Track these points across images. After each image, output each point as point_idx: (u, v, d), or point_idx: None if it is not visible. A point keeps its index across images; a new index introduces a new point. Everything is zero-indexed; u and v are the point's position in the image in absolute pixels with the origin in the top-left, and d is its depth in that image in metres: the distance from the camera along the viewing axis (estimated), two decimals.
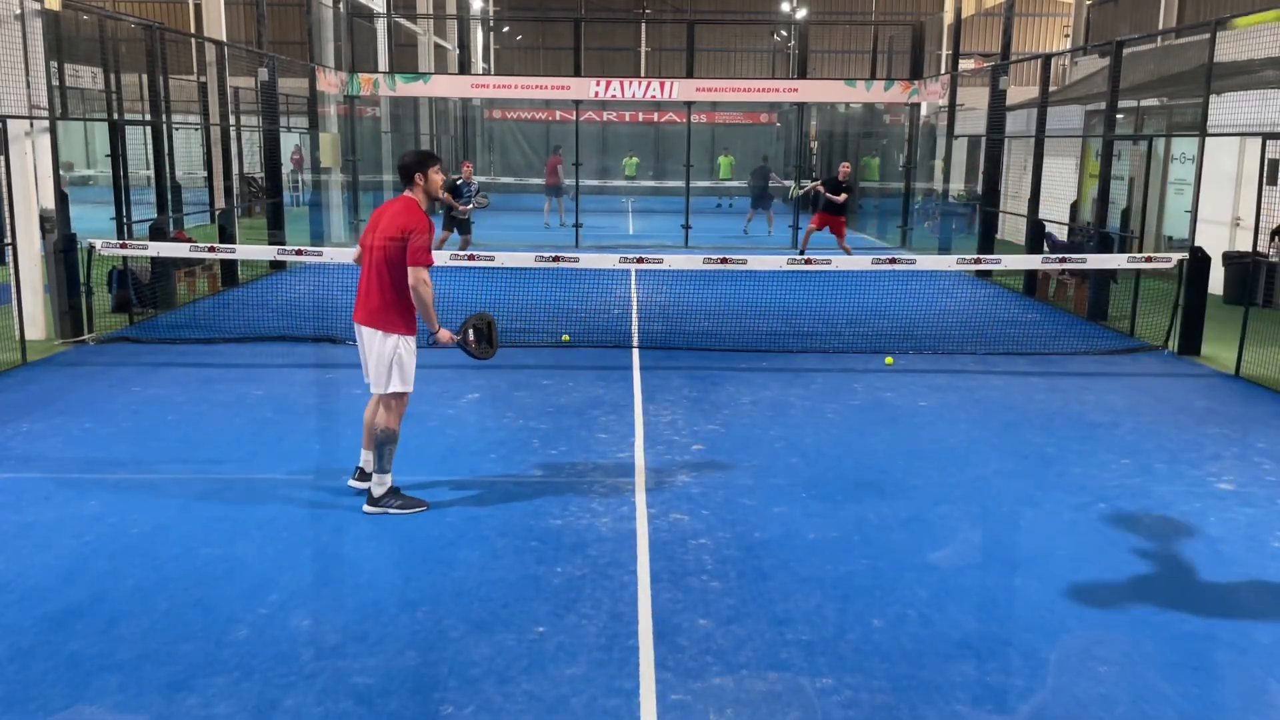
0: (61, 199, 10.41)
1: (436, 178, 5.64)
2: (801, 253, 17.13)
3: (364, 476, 5.91)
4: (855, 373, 9.34)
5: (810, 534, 5.50)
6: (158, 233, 11.94)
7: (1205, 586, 4.94)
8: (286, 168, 23.62)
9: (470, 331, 5.81)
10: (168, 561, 5.00)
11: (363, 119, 21.65)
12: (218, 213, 15.41)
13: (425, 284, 5.44)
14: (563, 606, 4.59)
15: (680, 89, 20.19)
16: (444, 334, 5.66)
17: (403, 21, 26.69)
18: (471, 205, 16.06)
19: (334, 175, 20.10)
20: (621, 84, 20.22)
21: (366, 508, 5.69)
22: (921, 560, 5.17)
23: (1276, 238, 12.66)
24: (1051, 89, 16.36)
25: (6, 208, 9.94)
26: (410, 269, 5.43)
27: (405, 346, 5.55)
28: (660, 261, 10.75)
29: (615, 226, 23.91)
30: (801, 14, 33.53)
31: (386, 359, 5.52)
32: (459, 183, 16.10)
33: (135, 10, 30.10)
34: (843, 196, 16.70)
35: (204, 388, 8.43)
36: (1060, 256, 12.05)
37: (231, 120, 18.24)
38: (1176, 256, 10.74)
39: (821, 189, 17.05)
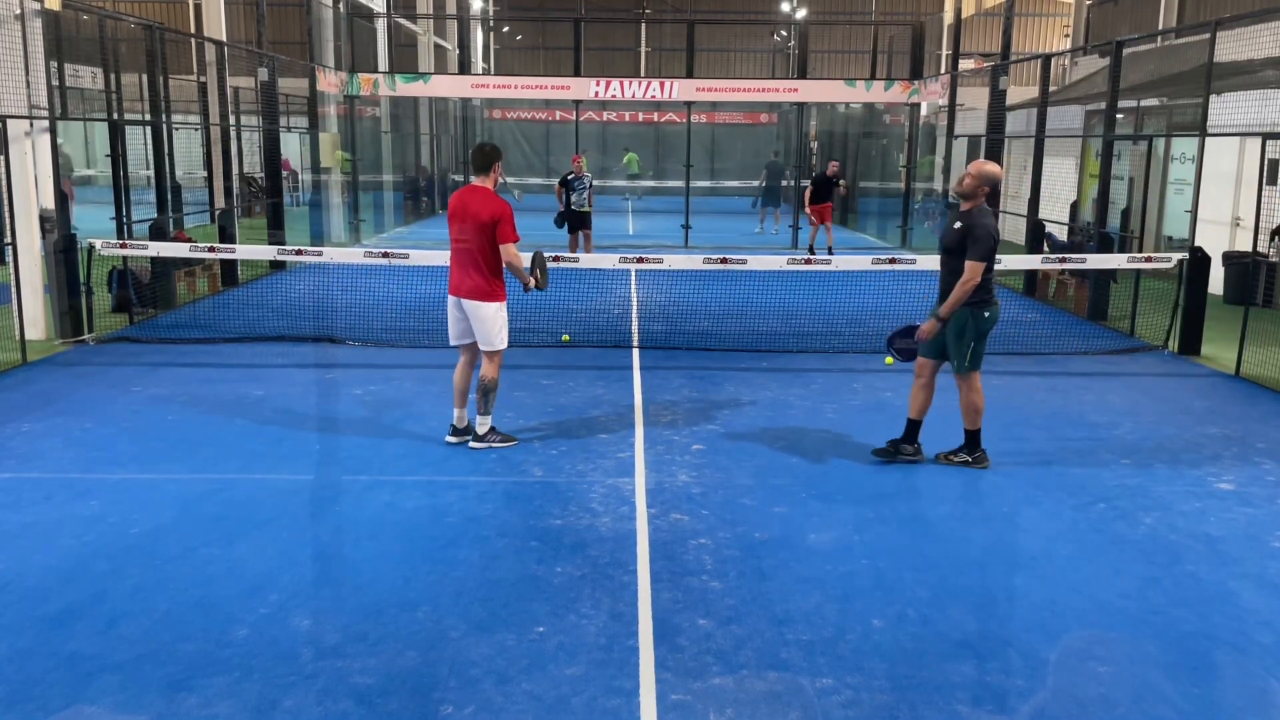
0: (61, 199, 10.40)
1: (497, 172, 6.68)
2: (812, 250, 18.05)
3: (457, 431, 6.89)
4: (855, 373, 9.34)
5: (810, 534, 5.49)
6: (158, 233, 11.94)
7: (1205, 586, 4.94)
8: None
9: (538, 271, 6.95)
10: (168, 561, 5.00)
11: (363, 119, 21.64)
12: (218, 213, 15.41)
13: (516, 256, 6.57)
14: (563, 606, 4.59)
15: (680, 89, 20.19)
16: (531, 283, 6.83)
17: (403, 21, 26.68)
18: (585, 201, 15.36)
19: (334, 175, 20.10)
20: (621, 84, 20.22)
21: (473, 444, 6.78)
22: (922, 560, 5.17)
23: (1276, 238, 12.67)
24: (1051, 89, 16.35)
25: (6, 208, 9.94)
26: (502, 246, 6.50)
27: (503, 311, 6.67)
28: (660, 261, 10.74)
29: (615, 226, 23.88)
30: (801, 14, 33.51)
31: (495, 323, 6.61)
32: (571, 177, 15.38)
33: (135, 10, 30.07)
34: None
35: (204, 388, 8.43)
36: (1060, 256, 12.04)
37: (231, 120, 18.24)
38: (1176, 256, 10.73)
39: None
